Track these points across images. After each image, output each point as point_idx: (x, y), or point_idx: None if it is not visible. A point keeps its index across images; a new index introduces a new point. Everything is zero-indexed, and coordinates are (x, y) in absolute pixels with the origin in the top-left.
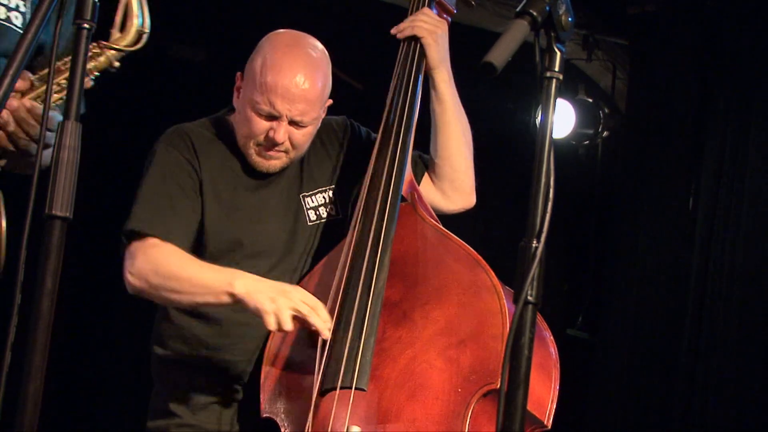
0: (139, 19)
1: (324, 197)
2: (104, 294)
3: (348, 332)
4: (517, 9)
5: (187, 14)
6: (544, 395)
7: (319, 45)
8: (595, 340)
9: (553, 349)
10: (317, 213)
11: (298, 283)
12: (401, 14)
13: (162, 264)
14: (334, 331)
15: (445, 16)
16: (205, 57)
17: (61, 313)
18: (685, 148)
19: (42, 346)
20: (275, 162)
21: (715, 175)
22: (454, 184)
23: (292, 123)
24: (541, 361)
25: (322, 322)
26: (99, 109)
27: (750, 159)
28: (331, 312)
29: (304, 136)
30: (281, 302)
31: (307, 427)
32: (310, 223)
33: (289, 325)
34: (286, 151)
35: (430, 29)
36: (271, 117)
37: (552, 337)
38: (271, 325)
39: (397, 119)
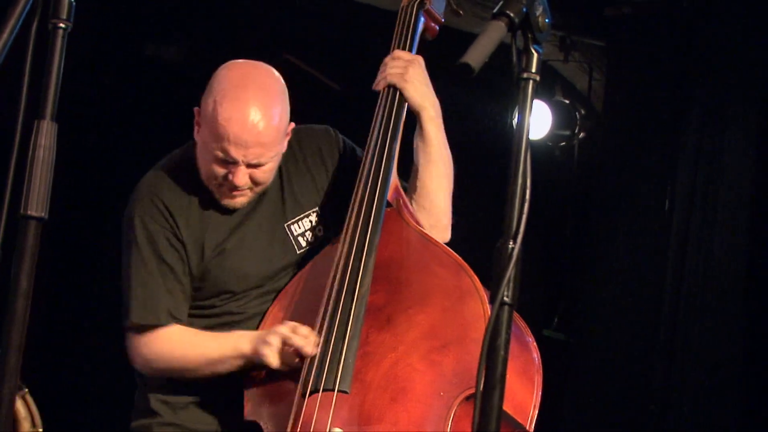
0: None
1: (311, 221)
2: (83, 294)
3: (331, 335)
4: (494, 10)
5: (164, 12)
6: (526, 400)
7: (273, 74)
8: (571, 341)
9: (535, 355)
10: (306, 239)
11: (284, 288)
12: (379, 15)
13: (165, 353)
14: (318, 334)
15: (433, 24)
16: (184, 56)
17: (41, 314)
18: (661, 149)
19: (16, 347)
20: (241, 199)
21: (691, 176)
22: (430, 220)
23: (250, 165)
24: (524, 367)
25: (303, 339)
26: (75, 109)
27: (726, 160)
28: (315, 314)
29: (265, 173)
30: (272, 339)
31: (288, 429)
32: (300, 251)
33: (289, 357)
34: (250, 188)
35: (400, 73)
36: (227, 162)
37: (535, 343)
38: (274, 364)
39: (377, 155)
